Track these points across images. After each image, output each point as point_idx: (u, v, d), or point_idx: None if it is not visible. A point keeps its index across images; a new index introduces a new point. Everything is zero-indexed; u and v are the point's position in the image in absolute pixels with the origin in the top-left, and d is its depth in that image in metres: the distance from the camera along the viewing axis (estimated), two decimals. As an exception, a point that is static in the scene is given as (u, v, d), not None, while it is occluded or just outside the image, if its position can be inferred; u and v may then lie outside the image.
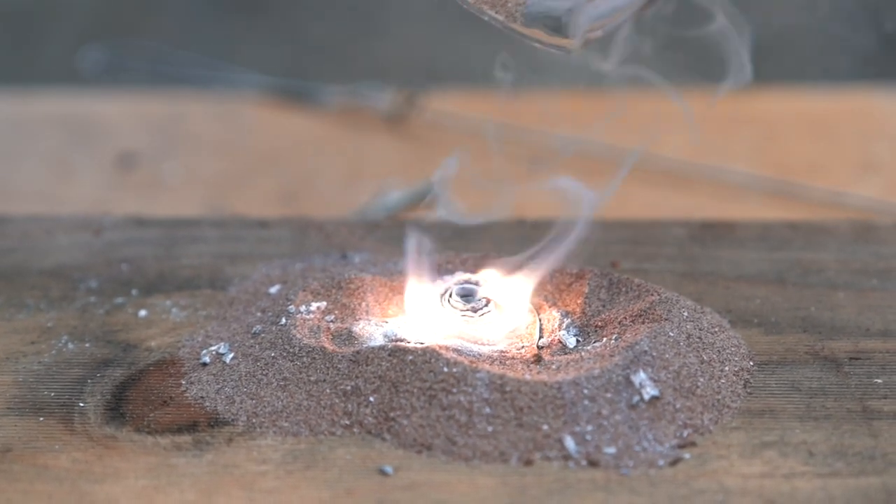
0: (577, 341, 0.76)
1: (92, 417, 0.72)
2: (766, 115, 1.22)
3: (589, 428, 0.69)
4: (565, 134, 1.15)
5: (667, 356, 0.72)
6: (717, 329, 0.76)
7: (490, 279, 0.78)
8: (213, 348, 0.76)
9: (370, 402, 0.71)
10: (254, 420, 0.71)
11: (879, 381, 0.74)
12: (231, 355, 0.75)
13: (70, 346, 0.78)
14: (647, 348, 0.72)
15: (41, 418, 0.72)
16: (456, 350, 0.73)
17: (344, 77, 1.26)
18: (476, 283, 0.78)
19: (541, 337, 0.77)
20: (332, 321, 0.77)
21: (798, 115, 1.22)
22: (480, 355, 0.74)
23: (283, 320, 0.76)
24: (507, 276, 0.78)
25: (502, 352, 0.75)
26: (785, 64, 2.04)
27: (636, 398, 0.70)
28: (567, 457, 0.68)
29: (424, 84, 1.23)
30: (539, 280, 0.79)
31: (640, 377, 0.71)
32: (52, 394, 0.74)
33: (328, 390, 0.72)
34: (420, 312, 0.77)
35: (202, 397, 0.73)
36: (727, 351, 0.75)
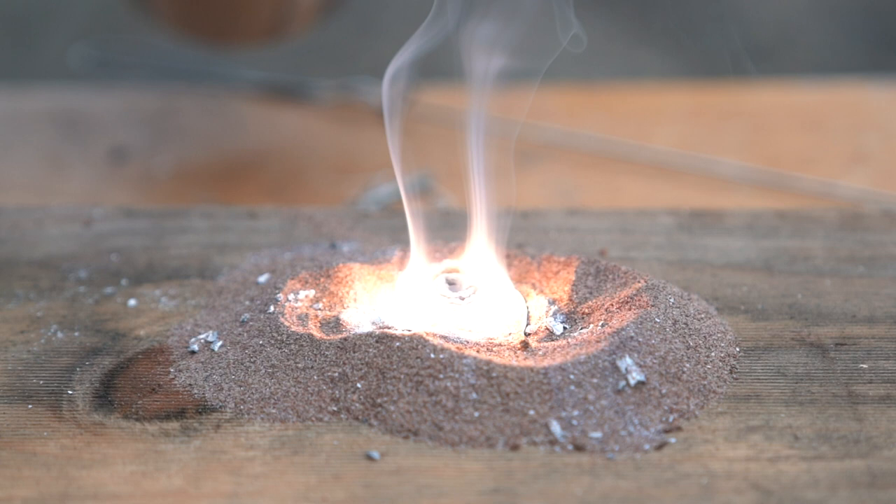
0: (564, 328, 0.77)
1: (80, 405, 0.72)
2: (757, 107, 1.23)
3: (575, 413, 0.69)
4: (557, 127, 1.15)
5: (653, 342, 0.72)
6: (703, 315, 0.77)
7: (476, 267, 0.79)
8: (201, 336, 0.77)
9: (357, 388, 0.71)
10: (242, 407, 0.72)
11: (865, 366, 0.74)
12: (219, 343, 0.76)
13: (59, 335, 0.78)
14: (633, 334, 0.72)
15: (30, 406, 0.72)
16: (443, 337, 0.74)
17: (341, 74, 1.27)
18: (463, 272, 0.78)
19: (528, 324, 0.77)
20: (320, 309, 0.78)
21: (789, 107, 1.22)
22: (467, 342, 0.74)
23: (272, 308, 0.76)
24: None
25: (489, 338, 0.75)
26: (778, 58, 2.04)
27: (622, 383, 0.70)
28: (553, 441, 0.68)
29: (416, 79, 1.23)
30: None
31: (627, 362, 0.71)
32: (41, 382, 0.74)
33: (316, 377, 0.72)
34: (408, 300, 0.77)
35: (190, 384, 0.73)
36: (713, 337, 0.75)
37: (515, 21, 0.76)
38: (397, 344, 0.71)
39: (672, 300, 0.76)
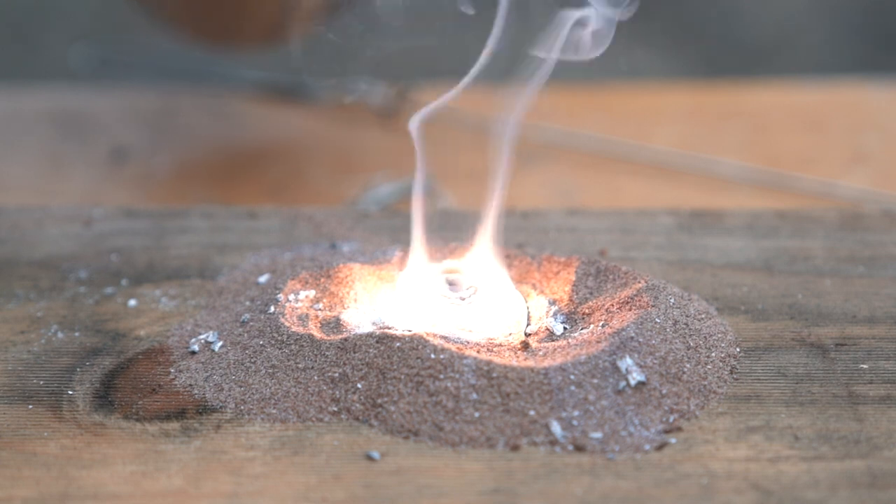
0: (565, 328, 0.77)
1: (80, 405, 0.72)
2: (758, 107, 1.23)
3: (575, 413, 0.69)
4: (557, 127, 1.15)
5: (653, 342, 0.72)
6: (703, 316, 0.77)
7: (477, 267, 0.79)
8: (201, 337, 0.77)
9: (358, 388, 0.71)
10: (242, 407, 0.72)
11: (865, 366, 0.74)
12: (220, 343, 0.76)
13: (59, 335, 0.78)
14: (633, 334, 0.72)
15: (30, 406, 0.72)
16: (443, 337, 0.74)
17: (341, 74, 1.27)
18: (463, 272, 0.78)
19: (528, 324, 0.77)
20: (320, 309, 0.78)
21: (789, 107, 1.22)
22: (468, 342, 0.74)
23: (272, 309, 0.76)
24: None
25: (490, 339, 0.75)
26: (778, 58, 2.04)
27: (622, 384, 0.70)
28: (554, 442, 0.68)
29: (416, 78, 1.23)
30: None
31: (627, 363, 0.71)
32: (41, 382, 0.74)
33: (316, 377, 0.72)
34: (408, 300, 0.77)
35: (191, 385, 0.73)
36: (714, 337, 0.75)
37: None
38: (398, 344, 0.71)
39: (672, 300, 0.76)
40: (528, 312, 0.78)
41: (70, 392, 0.73)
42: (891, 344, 0.76)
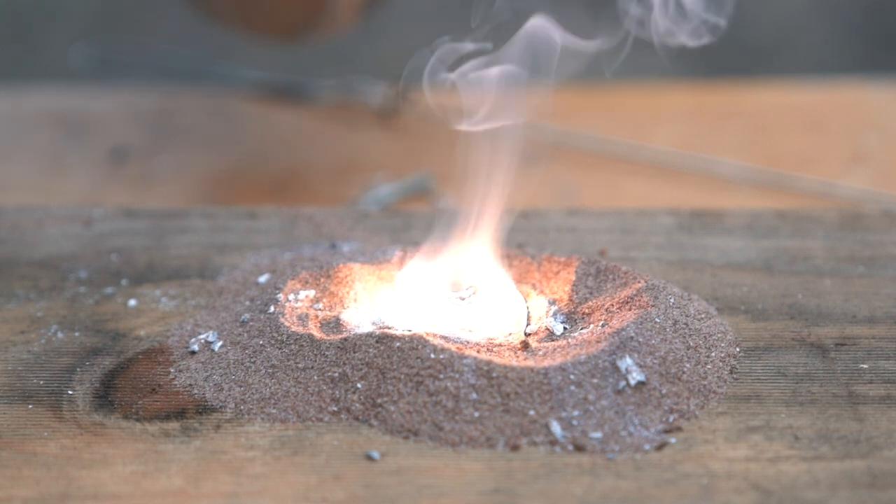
0: (565, 328, 0.77)
1: (80, 405, 0.72)
2: (757, 107, 1.23)
3: (575, 413, 0.69)
4: (557, 127, 1.15)
5: (653, 342, 0.72)
6: (703, 316, 0.77)
7: (477, 266, 0.79)
8: (201, 336, 0.77)
9: (358, 388, 0.71)
10: (242, 407, 0.72)
11: (865, 366, 0.74)
12: (220, 343, 0.76)
13: (59, 335, 0.78)
14: (633, 334, 0.72)
15: (30, 406, 0.72)
16: (443, 337, 0.74)
17: (341, 74, 1.27)
18: (463, 271, 0.78)
19: (528, 324, 0.77)
20: (320, 309, 0.78)
21: (789, 107, 1.22)
22: (468, 342, 0.74)
23: (272, 308, 0.76)
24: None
25: (490, 338, 0.75)
26: (778, 58, 2.04)
27: (622, 383, 0.70)
28: (554, 442, 0.68)
29: (416, 79, 1.23)
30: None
31: (627, 363, 0.71)
32: (41, 382, 0.74)
33: (316, 377, 0.72)
34: (408, 300, 0.77)
35: (191, 385, 0.73)
36: (714, 337, 0.75)
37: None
38: (397, 344, 0.71)
39: (672, 300, 0.76)
40: (528, 312, 0.78)
41: (70, 392, 0.73)
42: (891, 344, 0.76)
